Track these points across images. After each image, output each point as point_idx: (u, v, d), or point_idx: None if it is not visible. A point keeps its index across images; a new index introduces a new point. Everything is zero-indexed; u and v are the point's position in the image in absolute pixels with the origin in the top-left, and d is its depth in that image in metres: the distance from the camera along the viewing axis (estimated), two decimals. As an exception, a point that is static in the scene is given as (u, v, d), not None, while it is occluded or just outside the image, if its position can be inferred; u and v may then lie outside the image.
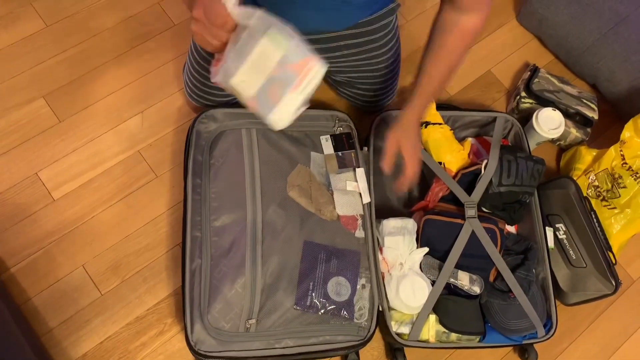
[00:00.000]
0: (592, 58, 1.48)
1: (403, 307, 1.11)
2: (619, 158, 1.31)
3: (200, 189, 1.14)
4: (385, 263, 1.13)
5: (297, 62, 0.69)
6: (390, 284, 1.11)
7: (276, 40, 0.67)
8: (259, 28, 0.67)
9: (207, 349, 1.03)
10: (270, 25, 0.67)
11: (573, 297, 1.26)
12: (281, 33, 0.67)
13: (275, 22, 0.69)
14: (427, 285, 1.11)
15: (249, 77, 0.70)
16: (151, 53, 1.43)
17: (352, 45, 1.16)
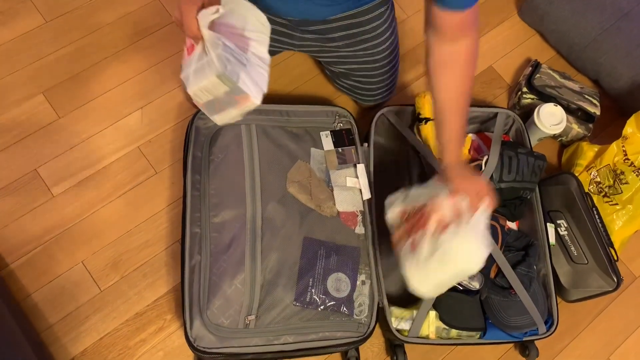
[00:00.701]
0: (594, 53, 1.47)
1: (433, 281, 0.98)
2: (621, 154, 1.31)
3: (199, 185, 1.14)
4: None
5: (239, 95, 0.83)
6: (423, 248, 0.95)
7: (225, 80, 0.80)
8: (214, 65, 0.80)
9: (207, 345, 1.03)
10: (225, 65, 0.80)
11: (574, 293, 1.25)
12: (230, 75, 0.80)
13: (229, 61, 0.80)
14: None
15: (201, 93, 0.85)
16: (151, 49, 1.43)
17: (347, 36, 1.16)
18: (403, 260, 0.98)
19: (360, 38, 1.17)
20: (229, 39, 0.82)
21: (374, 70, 1.26)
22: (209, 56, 0.81)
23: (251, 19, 0.87)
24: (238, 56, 0.83)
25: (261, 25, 0.88)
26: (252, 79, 0.84)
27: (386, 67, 1.26)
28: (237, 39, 0.84)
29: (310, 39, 1.17)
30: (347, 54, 1.21)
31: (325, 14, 1.11)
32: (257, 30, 0.87)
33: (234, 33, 0.84)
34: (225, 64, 0.80)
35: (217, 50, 0.80)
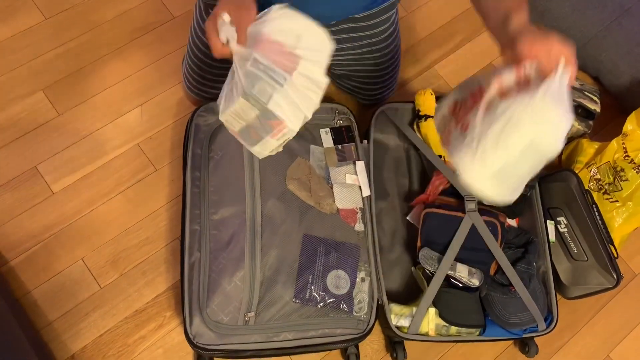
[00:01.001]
0: (594, 50, 1.47)
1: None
2: (621, 151, 1.30)
3: (199, 182, 1.14)
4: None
5: (272, 120, 0.74)
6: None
7: (252, 101, 0.72)
8: (240, 84, 0.72)
9: (206, 342, 1.03)
10: (253, 84, 0.71)
11: (574, 290, 1.25)
12: (259, 95, 0.71)
13: (258, 79, 0.72)
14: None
15: (233, 119, 0.77)
16: (150, 46, 1.43)
17: (351, 39, 1.16)
18: (453, 150, 0.74)
19: (365, 42, 1.17)
20: (268, 56, 0.73)
21: (376, 72, 1.26)
22: (236, 75, 0.74)
23: (307, 37, 0.77)
24: (273, 74, 0.73)
25: (319, 43, 0.78)
26: (291, 101, 0.73)
27: (389, 69, 1.26)
28: (283, 57, 0.75)
29: None
30: (350, 57, 1.21)
31: (341, 15, 1.09)
32: (312, 49, 0.77)
33: (281, 51, 0.75)
34: (254, 82, 0.71)
35: (245, 67, 0.72)
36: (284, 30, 0.76)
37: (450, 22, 1.57)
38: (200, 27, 1.15)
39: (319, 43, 0.78)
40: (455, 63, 1.52)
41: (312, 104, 0.76)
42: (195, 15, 1.17)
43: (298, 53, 0.76)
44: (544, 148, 0.68)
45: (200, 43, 1.17)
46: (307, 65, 0.76)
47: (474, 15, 0.92)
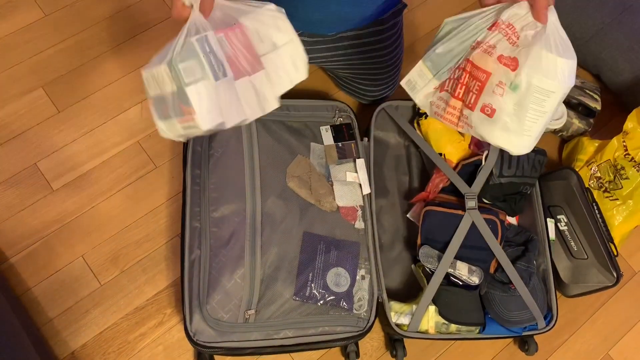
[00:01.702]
0: (595, 48, 1.46)
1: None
2: (622, 149, 1.30)
3: (199, 180, 1.14)
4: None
5: (184, 105, 0.64)
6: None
7: (173, 73, 0.63)
8: (171, 51, 0.64)
9: (206, 339, 1.03)
10: (185, 58, 0.62)
11: (574, 288, 1.25)
12: (183, 72, 0.62)
13: (194, 56, 0.62)
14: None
15: (151, 81, 0.67)
16: (151, 42, 1.42)
17: (356, 45, 1.15)
18: (483, 131, 0.74)
19: (370, 47, 1.16)
20: (226, 45, 0.65)
21: (379, 75, 1.26)
22: (177, 39, 0.65)
23: (283, 53, 0.70)
24: (215, 62, 0.64)
25: (293, 66, 0.71)
26: (214, 99, 0.63)
27: (392, 72, 1.26)
28: (243, 56, 0.67)
29: (317, 49, 1.15)
30: (354, 62, 1.20)
31: (356, 22, 1.07)
32: (281, 68, 0.70)
33: (246, 49, 0.67)
34: (187, 56, 0.62)
35: (189, 37, 0.63)
36: (264, 33, 0.69)
37: (451, 19, 1.57)
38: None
39: (293, 66, 0.72)
40: (456, 60, 1.52)
41: (239, 118, 0.67)
42: None
43: (263, 61, 0.69)
44: (565, 92, 0.71)
45: None
46: (263, 80, 0.69)
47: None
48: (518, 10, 0.71)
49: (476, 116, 0.73)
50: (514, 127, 0.71)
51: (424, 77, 0.78)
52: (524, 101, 0.69)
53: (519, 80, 0.69)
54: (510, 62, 0.69)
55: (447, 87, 0.77)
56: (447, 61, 0.75)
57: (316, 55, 1.17)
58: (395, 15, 1.14)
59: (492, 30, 0.72)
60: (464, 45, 0.74)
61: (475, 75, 0.72)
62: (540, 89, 0.68)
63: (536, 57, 0.68)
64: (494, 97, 0.70)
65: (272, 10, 0.71)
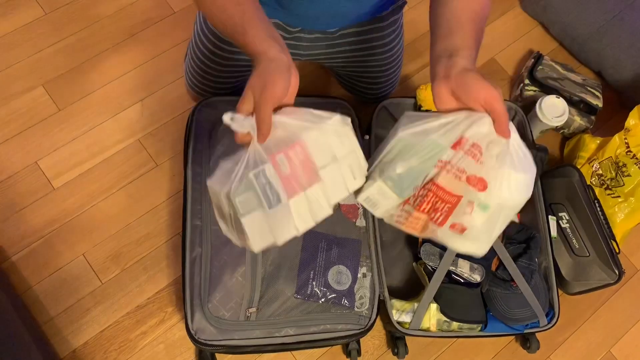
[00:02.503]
0: (596, 45, 1.46)
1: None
2: (624, 146, 1.30)
3: (200, 178, 1.14)
4: None
5: (239, 230, 0.68)
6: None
7: (231, 203, 0.66)
8: (228, 182, 0.66)
9: (208, 337, 1.03)
10: (242, 192, 0.64)
11: (576, 286, 1.25)
12: (240, 205, 0.65)
13: (250, 189, 0.65)
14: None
15: (213, 196, 0.71)
16: (151, 41, 1.42)
17: (356, 42, 1.15)
18: (450, 241, 0.74)
19: (370, 44, 1.16)
20: (284, 165, 0.65)
21: (379, 73, 1.25)
22: (238, 169, 0.66)
23: (342, 163, 0.69)
24: (270, 192, 0.65)
25: (349, 175, 0.70)
26: (266, 225, 0.66)
27: (391, 69, 1.26)
28: (301, 172, 0.66)
29: (317, 46, 1.15)
30: (354, 60, 1.20)
31: (358, 17, 1.08)
32: (337, 178, 0.69)
33: (304, 165, 0.67)
34: (244, 190, 0.64)
35: (248, 171, 0.65)
36: (325, 144, 0.68)
37: (452, 16, 1.57)
38: (203, 30, 1.14)
39: (351, 176, 0.71)
40: (457, 58, 1.52)
41: (290, 234, 0.68)
42: (199, 18, 1.17)
43: (321, 176, 0.68)
44: (519, 206, 0.72)
45: (202, 46, 1.16)
46: (318, 194, 0.68)
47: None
48: (480, 128, 0.69)
49: (444, 232, 0.72)
50: (482, 239, 0.72)
51: (387, 195, 0.74)
52: (494, 218, 0.70)
53: (489, 201, 0.69)
54: (477, 182, 0.69)
55: (411, 201, 0.73)
56: (411, 180, 0.72)
57: (316, 52, 1.16)
58: (395, 12, 1.13)
59: (457, 150, 0.69)
60: (427, 163, 0.70)
61: (444, 198, 0.71)
62: (510, 206, 0.70)
63: (505, 179, 0.68)
64: (464, 216, 0.70)
65: (338, 122, 0.69)
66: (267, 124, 0.65)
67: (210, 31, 1.12)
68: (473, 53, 0.73)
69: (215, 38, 1.12)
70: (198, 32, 1.17)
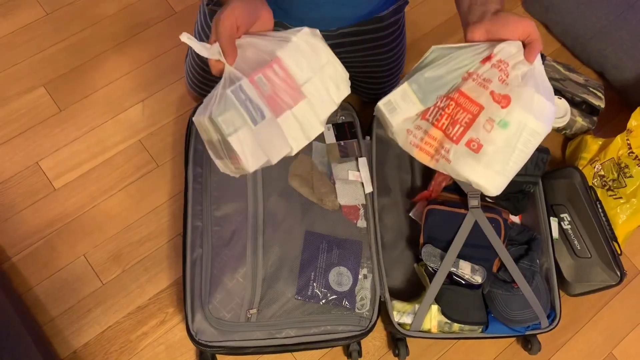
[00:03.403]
0: (599, 45, 1.46)
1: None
2: (626, 147, 1.30)
3: (201, 179, 1.14)
4: None
5: (231, 151, 0.67)
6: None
7: (216, 126, 0.66)
8: (210, 106, 0.66)
9: (208, 338, 1.03)
10: (223, 111, 0.64)
11: (577, 287, 1.24)
12: (224, 125, 0.65)
13: (232, 107, 0.65)
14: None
15: (201, 129, 0.70)
16: (152, 41, 1.42)
17: (358, 42, 1.14)
18: (463, 166, 0.70)
19: (371, 44, 1.15)
20: (264, 84, 0.66)
21: (380, 74, 1.25)
22: (216, 90, 0.67)
23: (323, 75, 0.70)
24: (251, 107, 0.65)
25: (334, 86, 0.71)
26: (256, 142, 0.66)
27: (393, 70, 1.26)
28: (284, 90, 0.67)
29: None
30: (355, 59, 1.20)
31: (353, 17, 1.08)
32: (322, 92, 0.70)
33: (285, 82, 0.67)
34: (225, 109, 0.64)
35: (225, 90, 0.65)
36: (302, 60, 0.69)
37: (453, 17, 1.56)
38: (204, 30, 1.14)
39: (335, 87, 0.72)
40: (459, 58, 1.51)
41: (284, 152, 0.68)
42: (200, 19, 1.16)
43: (304, 91, 0.68)
44: (543, 135, 0.71)
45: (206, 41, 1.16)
46: (306, 110, 0.69)
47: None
48: (510, 47, 0.71)
49: (460, 150, 0.70)
50: (497, 166, 0.70)
51: (408, 100, 0.74)
52: (512, 140, 0.68)
53: (510, 118, 0.68)
54: (501, 99, 0.68)
55: (429, 116, 0.73)
56: (436, 88, 0.72)
57: None
58: (397, 12, 1.13)
59: (485, 63, 0.70)
60: (455, 74, 0.72)
61: (466, 107, 0.70)
62: (531, 129, 0.68)
63: (529, 98, 0.68)
64: (482, 132, 0.69)
65: (307, 34, 0.70)
66: (226, 44, 0.66)
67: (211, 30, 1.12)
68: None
69: None
70: (199, 32, 1.17)
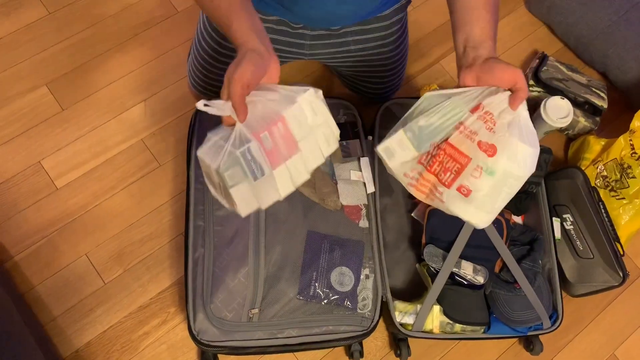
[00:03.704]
0: (602, 45, 1.45)
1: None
2: (629, 148, 1.29)
3: (203, 178, 1.14)
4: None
5: (229, 198, 0.76)
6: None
7: (221, 177, 0.73)
8: (218, 159, 0.73)
9: (210, 338, 1.03)
10: (228, 167, 0.72)
11: (579, 288, 1.24)
12: (227, 177, 0.73)
13: (237, 164, 0.73)
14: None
15: (204, 166, 0.77)
16: (154, 41, 1.42)
17: (360, 41, 1.14)
18: (453, 206, 0.79)
19: (373, 44, 1.15)
20: (267, 141, 0.73)
21: (383, 73, 1.25)
22: (226, 145, 0.73)
23: (317, 133, 0.78)
24: (254, 167, 0.73)
25: (324, 143, 0.79)
26: (253, 194, 0.75)
27: (395, 69, 1.26)
28: (283, 145, 0.75)
29: (321, 45, 1.14)
30: (358, 59, 1.20)
31: (350, 17, 1.08)
32: (314, 148, 0.78)
33: (285, 138, 0.75)
34: (231, 165, 0.72)
35: (235, 149, 0.72)
36: (302, 118, 0.76)
37: (456, 16, 1.56)
38: (207, 30, 1.14)
39: (325, 143, 0.80)
40: (461, 58, 1.51)
41: (273, 199, 0.78)
42: (202, 18, 1.16)
43: (300, 147, 0.77)
44: (526, 178, 0.78)
45: (206, 45, 1.16)
46: (298, 162, 0.77)
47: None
48: (498, 97, 0.76)
49: (452, 194, 0.78)
50: (486, 207, 0.77)
51: (404, 147, 0.82)
52: (499, 185, 0.76)
53: (496, 167, 0.74)
54: (488, 148, 0.75)
55: (423, 161, 0.81)
56: (429, 135, 0.79)
57: (320, 51, 1.16)
58: (399, 11, 1.13)
59: (474, 113, 0.76)
60: (447, 123, 0.78)
61: (455, 158, 0.77)
62: (516, 176, 0.75)
63: (513, 148, 0.74)
64: (471, 179, 0.76)
65: (312, 95, 0.77)
66: (238, 103, 0.71)
67: (213, 30, 1.12)
68: (493, 43, 0.81)
69: (219, 37, 1.12)
70: (201, 31, 1.17)
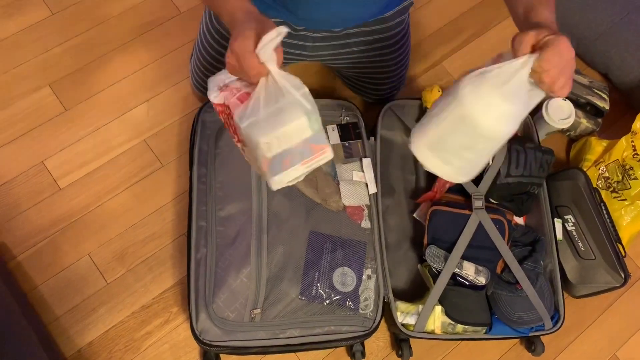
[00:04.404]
0: (603, 46, 1.45)
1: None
2: (630, 149, 1.29)
3: (205, 179, 1.14)
4: None
5: (317, 144, 0.74)
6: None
7: (312, 121, 0.72)
8: (302, 104, 0.71)
9: (212, 338, 1.03)
10: (312, 106, 0.71)
11: (581, 289, 1.24)
12: (317, 116, 0.72)
13: (313, 103, 0.72)
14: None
15: (275, 141, 0.73)
16: (157, 41, 1.42)
17: (363, 43, 1.15)
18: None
19: (375, 45, 1.16)
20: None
21: (385, 74, 1.25)
22: (291, 96, 0.71)
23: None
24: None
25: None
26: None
27: (397, 70, 1.26)
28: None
29: (324, 47, 1.14)
30: (360, 60, 1.20)
31: (358, 19, 1.08)
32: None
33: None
34: (310, 104, 0.71)
35: (303, 89, 0.71)
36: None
37: (458, 18, 1.56)
38: (209, 30, 1.14)
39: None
40: (464, 59, 1.51)
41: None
42: (204, 19, 1.17)
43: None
44: (478, 124, 0.69)
45: (208, 46, 1.17)
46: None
47: (482, 11, 0.90)
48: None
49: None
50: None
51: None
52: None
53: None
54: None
55: None
56: None
57: (322, 52, 1.16)
58: (402, 12, 1.13)
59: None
60: None
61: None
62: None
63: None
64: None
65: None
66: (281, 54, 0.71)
67: (216, 31, 1.13)
68: (554, 24, 0.77)
69: (221, 37, 1.12)
70: (204, 32, 1.17)
